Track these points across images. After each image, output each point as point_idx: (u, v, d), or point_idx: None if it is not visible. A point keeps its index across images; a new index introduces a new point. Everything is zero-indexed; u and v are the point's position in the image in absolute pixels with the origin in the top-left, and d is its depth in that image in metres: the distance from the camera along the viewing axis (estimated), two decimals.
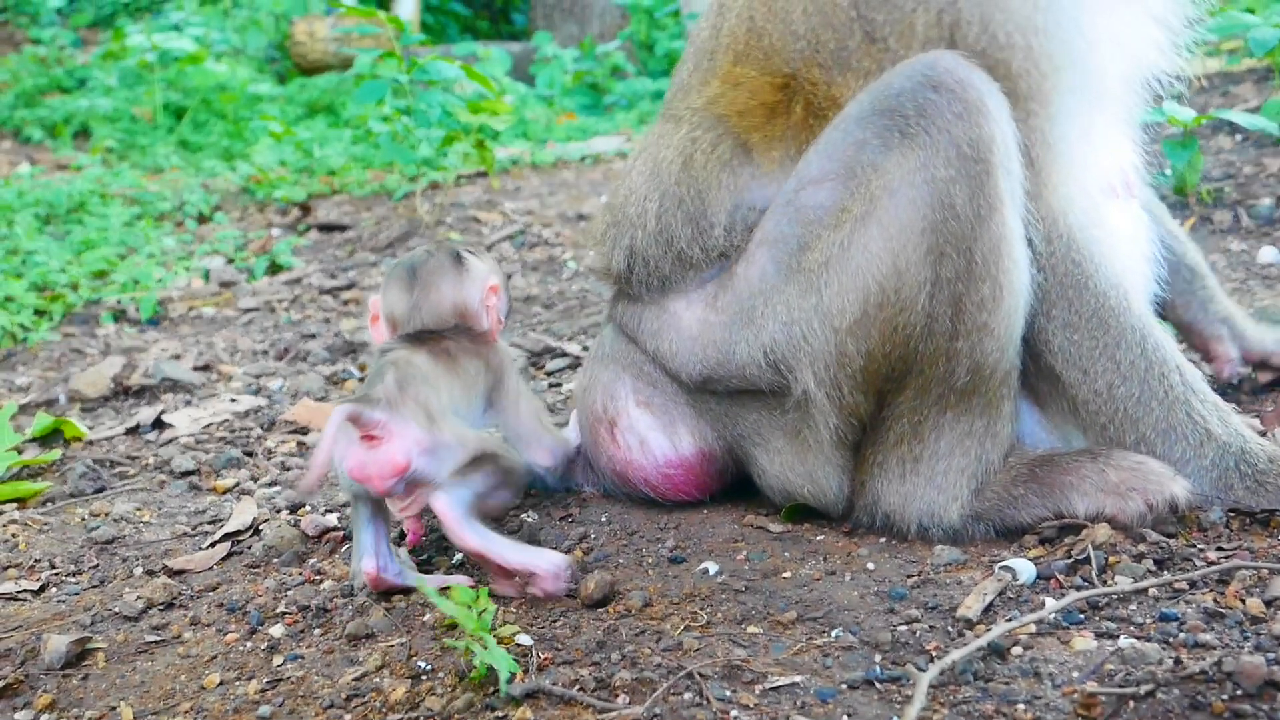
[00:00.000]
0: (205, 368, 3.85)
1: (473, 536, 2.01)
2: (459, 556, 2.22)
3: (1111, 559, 1.95)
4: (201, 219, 6.10)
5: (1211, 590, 1.85)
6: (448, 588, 1.84)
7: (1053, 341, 2.04)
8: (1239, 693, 1.56)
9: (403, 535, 2.24)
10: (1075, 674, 1.64)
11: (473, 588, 1.83)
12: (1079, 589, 1.89)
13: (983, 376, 2.04)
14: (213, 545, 2.40)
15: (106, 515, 2.62)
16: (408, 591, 2.07)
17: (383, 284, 2.39)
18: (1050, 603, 1.84)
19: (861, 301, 2.00)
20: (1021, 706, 1.58)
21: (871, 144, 1.99)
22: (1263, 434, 2.31)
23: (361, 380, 3.59)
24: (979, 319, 2.00)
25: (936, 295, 1.98)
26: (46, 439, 3.20)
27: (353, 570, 2.11)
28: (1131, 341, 2.03)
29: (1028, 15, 2.01)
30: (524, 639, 1.83)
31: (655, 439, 2.29)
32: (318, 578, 2.20)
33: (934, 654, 1.74)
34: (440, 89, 5.66)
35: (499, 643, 1.73)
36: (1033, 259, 2.03)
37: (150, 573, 2.30)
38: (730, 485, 2.36)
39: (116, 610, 2.11)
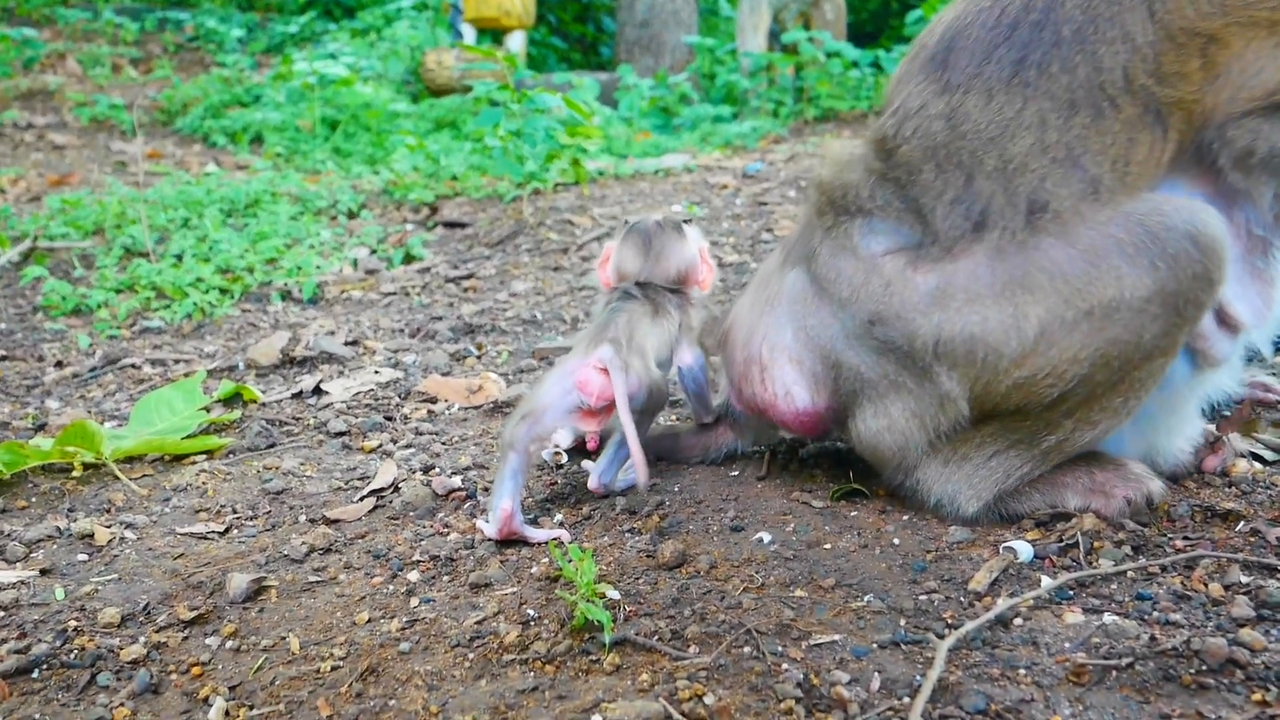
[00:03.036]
0: (354, 343, 3.84)
1: (638, 448, 2.09)
2: (559, 516, 2.21)
3: (1096, 544, 1.89)
4: (350, 215, 6.10)
5: (1179, 575, 1.79)
6: (563, 544, 1.84)
7: None
8: (1205, 668, 1.51)
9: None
10: (1067, 645, 1.60)
11: (576, 545, 1.83)
12: (1069, 569, 1.84)
13: (1062, 450, 1.98)
14: (361, 499, 2.39)
15: (277, 469, 2.63)
16: (519, 545, 2.06)
17: (619, 242, 2.41)
18: (1046, 580, 1.79)
19: (1041, 366, 1.87)
20: (1023, 671, 1.53)
21: (1125, 246, 1.83)
22: (1217, 440, 2.23)
23: (479, 358, 3.58)
24: (1095, 417, 1.92)
25: (1082, 384, 1.87)
26: (229, 401, 3.22)
27: (490, 506, 2.09)
28: None
29: None
30: (613, 594, 1.80)
31: (799, 392, 2.15)
32: (445, 530, 2.19)
33: (949, 621, 1.69)
34: (544, 116, 5.63)
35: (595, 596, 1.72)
36: None
37: (312, 521, 2.30)
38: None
39: (285, 553, 2.12)
